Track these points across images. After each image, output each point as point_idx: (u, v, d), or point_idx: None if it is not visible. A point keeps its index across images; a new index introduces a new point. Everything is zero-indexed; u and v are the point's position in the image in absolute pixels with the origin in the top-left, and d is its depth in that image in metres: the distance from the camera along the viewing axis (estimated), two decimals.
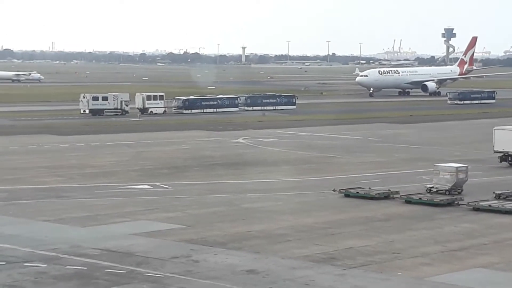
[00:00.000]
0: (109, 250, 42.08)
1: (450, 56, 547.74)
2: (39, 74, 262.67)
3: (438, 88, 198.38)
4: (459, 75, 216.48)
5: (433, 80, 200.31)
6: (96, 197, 57.96)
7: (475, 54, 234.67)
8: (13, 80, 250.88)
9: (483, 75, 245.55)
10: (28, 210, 52.74)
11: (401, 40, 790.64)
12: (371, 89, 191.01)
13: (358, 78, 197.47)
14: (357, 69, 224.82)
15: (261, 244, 44.10)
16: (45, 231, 46.68)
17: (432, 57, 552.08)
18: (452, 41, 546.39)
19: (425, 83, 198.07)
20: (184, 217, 51.28)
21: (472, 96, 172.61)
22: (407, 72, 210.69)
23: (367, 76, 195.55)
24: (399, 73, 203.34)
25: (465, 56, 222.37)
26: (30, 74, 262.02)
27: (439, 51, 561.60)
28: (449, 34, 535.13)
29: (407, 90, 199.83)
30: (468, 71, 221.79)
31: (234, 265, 39.63)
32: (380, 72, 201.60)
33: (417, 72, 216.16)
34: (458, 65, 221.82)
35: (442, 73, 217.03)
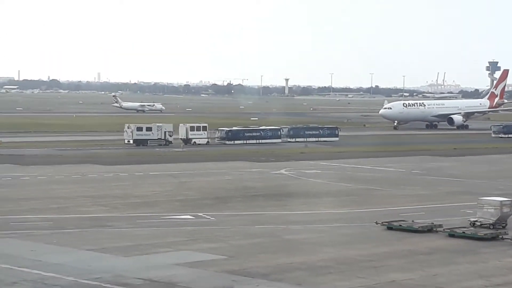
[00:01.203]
0: (152, 280, 42.26)
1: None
2: (161, 105, 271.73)
3: (465, 121, 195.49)
4: (489, 108, 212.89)
5: (460, 113, 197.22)
6: (139, 227, 58.29)
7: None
8: (137, 111, 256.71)
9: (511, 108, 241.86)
10: (72, 239, 53.19)
11: (444, 72, 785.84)
12: (395, 121, 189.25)
13: (381, 111, 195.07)
14: (385, 101, 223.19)
15: (303, 276, 43.98)
16: (88, 260, 47.01)
17: (476, 90, 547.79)
18: (497, 74, 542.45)
19: (451, 116, 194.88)
20: (226, 248, 51.33)
21: None
22: (433, 104, 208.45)
23: (391, 108, 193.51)
24: (424, 105, 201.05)
25: (495, 89, 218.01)
26: (154, 105, 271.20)
27: (483, 84, 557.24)
28: (493, 67, 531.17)
29: (434, 123, 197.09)
30: (499, 105, 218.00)
31: None
32: (405, 105, 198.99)
33: (444, 104, 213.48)
34: (488, 98, 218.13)
35: (471, 106, 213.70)
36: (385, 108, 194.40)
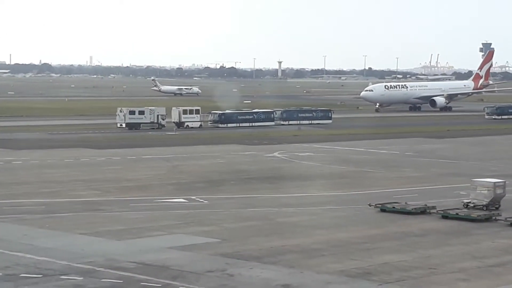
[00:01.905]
0: (145, 264, 42.19)
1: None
2: (197, 88, 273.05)
3: (447, 103, 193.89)
4: (474, 89, 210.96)
5: (443, 95, 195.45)
6: (132, 210, 58.19)
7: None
8: (175, 94, 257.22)
9: (495, 90, 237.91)
10: (64, 223, 53.08)
11: (438, 54, 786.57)
12: (377, 104, 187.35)
13: (363, 93, 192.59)
14: (370, 83, 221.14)
15: (296, 259, 43.95)
16: (81, 244, 46.93)
17: (470, 71, 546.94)
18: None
19: (434, 98, 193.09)
20: (220, 231, 51.28)
21: (510, 111, 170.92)
22: (416, 86, 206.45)
23: (372, 90, 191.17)
24: (407, 87, 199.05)
25: (480, 71, 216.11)
26: (191, 88, 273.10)
27: (477, 65, 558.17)
28: (487, 48, 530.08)
29: (417, 105, 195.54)
30: (484, 86, 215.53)
31: (269, 279, 39.53)
32: (387, 87, 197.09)
33: (427, 86, 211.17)
34: (473, 80, 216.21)
35: (454, 88, 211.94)
36: (367, 91, 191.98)
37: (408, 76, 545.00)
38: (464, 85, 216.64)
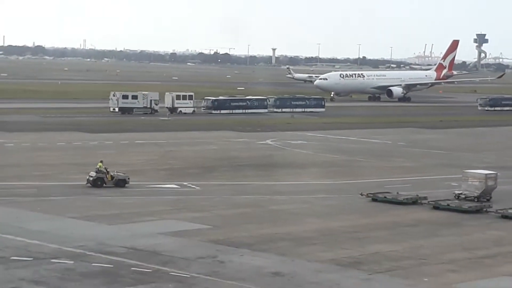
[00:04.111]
0: (136, 249, 42.21)
1: (482, 62, 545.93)
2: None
3: (405, 94, 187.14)
4: (436, 79, 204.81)
5: (400, 85, 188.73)
6: (123, 195, 58.15)
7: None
8: (305, 81, 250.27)
9: (454, 81, 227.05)
10: (56, 207, 53.04)
11: (432, 44, 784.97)
12: (332, 93, 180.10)
13: (317, 81, 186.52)
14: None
15: (287, 247, 44.03)
16: (72, 228, 46.94)
17: (464, 62, 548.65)
18: (484, 47, 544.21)
19: (390, 88, 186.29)
20: (211, 218, 51.31)
21: (503, 102, 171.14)
22: (374, 76, 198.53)
23: (326, 79, 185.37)
24: (363, 76, 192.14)
25: (443, 61, 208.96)
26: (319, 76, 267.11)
27: (471, 56, 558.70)
28: (481, 39, 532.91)
29: (376, 95, 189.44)
30: (447, 77, 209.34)
31: (260, 267, 39.59)
32: (342, 76, 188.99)
33: (385, 76, 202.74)
34: (435, 70, 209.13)
35: (414, 77, 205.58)
36: (321, 79, 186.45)
37: (402, 65, 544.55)
38: (426, 75, 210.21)
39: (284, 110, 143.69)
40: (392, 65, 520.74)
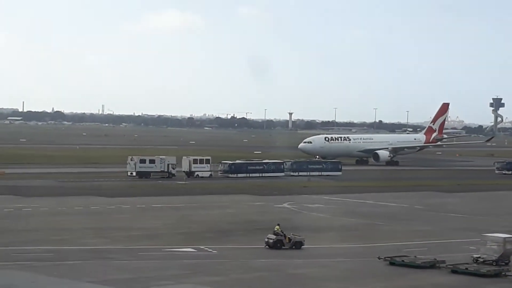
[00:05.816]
0: None
1: (498, 126, 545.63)
2: None
3: (392, 157, 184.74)
4: (425, 143, 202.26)
5: (387, 148, 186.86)
6: (140, 259, 58.08)
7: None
8: None
9: (442, 145, 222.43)
10: (73, 271, 52.97)
11: (448, 108, 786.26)
12: (317, 157, 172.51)
13: (301, 145, 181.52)
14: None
15: None
16: None
17: (480, 126, 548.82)
18: (501, 111, 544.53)
19: (377, 151, 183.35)
20: (228, 282, 51.09)
21: None
22: (360, 139, 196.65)
23: (311, 142, 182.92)
24: (350, 140, 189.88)
25: (433, 124, 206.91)
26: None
27: (487, 120, 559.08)
28: (497, 103, 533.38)
29: (363, 158, 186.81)
30: (438, 140, 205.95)
31: None
32: (327, 139, 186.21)
33: (372, 139, 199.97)
34: (425, 133, 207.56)
35: (402, 141, 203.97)
36: (305, 142, 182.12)
37: (418, 129, 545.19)
38: (415, 139, 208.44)
39: (301, 173, 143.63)
40: (408, 129, 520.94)
